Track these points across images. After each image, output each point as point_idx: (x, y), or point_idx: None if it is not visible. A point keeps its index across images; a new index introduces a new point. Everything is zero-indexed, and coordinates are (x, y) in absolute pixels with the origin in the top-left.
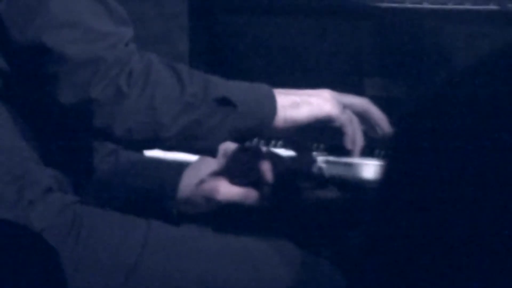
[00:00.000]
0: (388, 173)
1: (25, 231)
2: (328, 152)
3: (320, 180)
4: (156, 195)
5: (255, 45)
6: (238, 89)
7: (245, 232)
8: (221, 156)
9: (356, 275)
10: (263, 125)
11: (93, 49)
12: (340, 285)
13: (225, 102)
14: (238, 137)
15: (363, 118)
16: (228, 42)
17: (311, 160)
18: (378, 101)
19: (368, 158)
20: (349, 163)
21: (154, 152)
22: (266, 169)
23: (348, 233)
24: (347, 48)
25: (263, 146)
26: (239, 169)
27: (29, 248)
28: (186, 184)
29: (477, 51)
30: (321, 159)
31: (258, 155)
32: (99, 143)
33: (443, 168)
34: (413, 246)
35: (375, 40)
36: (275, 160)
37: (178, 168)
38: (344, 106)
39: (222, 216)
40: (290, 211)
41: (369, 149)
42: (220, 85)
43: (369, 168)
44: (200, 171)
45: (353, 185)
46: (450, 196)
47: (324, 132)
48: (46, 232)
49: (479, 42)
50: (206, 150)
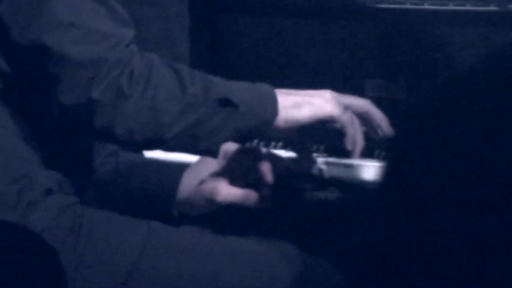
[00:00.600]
0: (388, 174)
1: (25, 232)
2: (328, 153)
3: (320, 181)
4: (156, 196)
5: (256, 46)
6: (239, 90)
7: (245, 233)
8: (221, 157)
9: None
10: (265, 125)
11: (94, 50)
12: (340, 286)
13: (226, 103)
14: (240, 138)
15: (364, 119)
16: (229, 43)
17: (311, 161)
18: (378, 102)
19: (368, 159)
20: (349, 164)
21: (154, 153)
22: (266, 170)
23: (348, 234)
24: (348, 49)
25: (263, 147)
26: (239, 170)
27: (29, 249)
28: (186, 185)
29: (477, 52)
30: (321, 160)
31: (258, 156)
32: (99, 144)
33: (443, 169)
34: (413, 247)
35: (375, 41)
36: (275, 161)
37: (178, 169)
38: (345, 107)
39: (222, 217)
40: (290, 212)
41: (369, 151)
42: (221, 86)
43: (369, 169)
44: (200, 172)
45: (353, 187)
46: (450, 197)
47: (325, 133)
48: (46, 233)
49: (480, 43)
50: (207, 150)
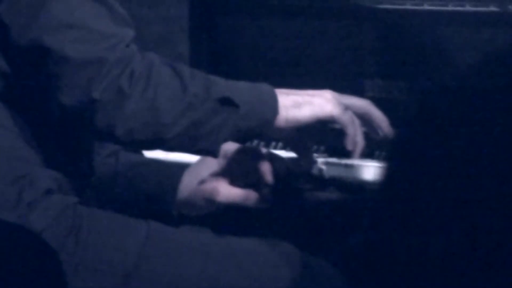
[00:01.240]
0: (388, 174)
1: (25, 232)
2: (328, 154)
3: (320, 181)
4: (156, 196)
5: (256, 47)
6: (240, 89)
7: (245, 233)
8: (221, 157)
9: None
10: (265, 125)
11: (95, 50)
12: (340, 286)
13: (227, 102)
14: (240, 137)
15: (364, 120)
16: (229, 44)
17: (311, 162)
18: (378, 103)
19: (368, 159)
20: (349, 164)
21: (154, 153)
22: (266, 171)
23: (348, 234)
24: (348, 49)
25: (263, 148)
26: (239, 170)
27: (29, 249)
28: (186, 185)
29: (477, 52)
30: (321, 160)
31: (258, 156)
32: (99, 144)
33: (443, 170)
34: (413, 247)
35: (375, 41)
36: (275, 161)
37: (178, 169)
38: (346, 107)
39: (222, 217)
40: (290, 213)
41: (369, 151)
42: (222, 85)
43: (369, 169)
44: (200, 172)
45: (353, 187)
46: (449, 197)
47: (325, 134)
48: (45, 233)
49: (480, 43)
50: (208, 150)
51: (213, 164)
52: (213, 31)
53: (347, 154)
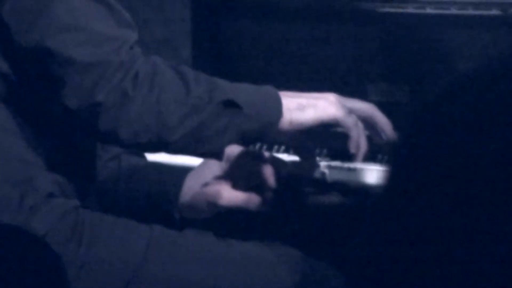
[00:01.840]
0: (391, 178)
1: (27, 236)
2: (331, 157)
3: (322, 185)
4: (158, 199)
5: (258, 49)
6: (243, 92)
7: (247, 237)
8: (224, 161)
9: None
10: (269, 127)
11: (98, 53)
12: None
13: (231, 105)
14: (244, 140)
15: (368, 123)
16: (231, 46)
17: (314, 165)
18: (381, 106)
19: (371, 163)
20: (352, 168)
21: (156, 157)
22: (269, 174)
23: (350, 238)
24: (350, 53)
25: (266, 151)
26: (241, 174)
27: (31, 253)
28: (189, 188)
29: (479, 55)
30: (324, 164)
31: (261, 160)
32: (101, 147)
33: (446, 174)
34: (415, 252)
35: (378, 45)
36: (278, 165)
37: (180, 172)
38: (349, 110)
39: (224, 220)
40: (293, 216)
41: (372, 154)
42: (225, 88)
43: (372, 173)
44: (202, 176)
45: (355, 191)
46: (453, 201)
47: (328, 137)
48: (48, 237)
49: (482, 47)
50: (212, 152)
51: (215, 168)
52: (216, 34)
53: (350, 158)
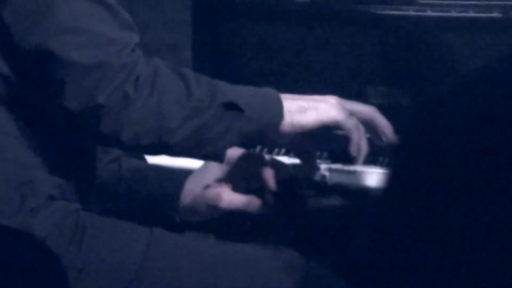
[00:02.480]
0: (391, 181)
1: (28, 238)
2: (332, 160)
3: (323, 188)
4: (158, 202)
5: (259, 52)
6: (245, 94)
7: (248, 240)
8: (224, 163)
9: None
10: (270, 129)
11: (100, 55)
12: None
13: (232, 107)
14: (245, 142)
15: (368, 126)
16: (232, 49)
17: (314, 168)
18: (381, 109)
19: (371, 166)
20: (352, 171)
21: (157, 159)
22: (269, 177)
23: (350, 241)
24: (350, 55)
25: (266, 154)
26: (242, 176)
27: (31, 255)
28: (189, 191)
29: (480, 58)
30: (324, 167)
31: (261, 162)
32: (101, 150)
33: (447, 176)
34: (415, 255)
35: (378, 47)
36: (278, 167)
37: (181, 175)
38: (350, 113)
39: (224, 223)
40: (293, 219)
41: (373, 157)
42: (227, 90)
43: (372, 176)
44: (203, 179)
45: (356, 193)
46: (453, 205)
47: (328, 140)
48: (48, 240)
49: (483, 49)
50: (213, 155)
51: (216, 170)
52: (217, 36)
53: (351, 161)
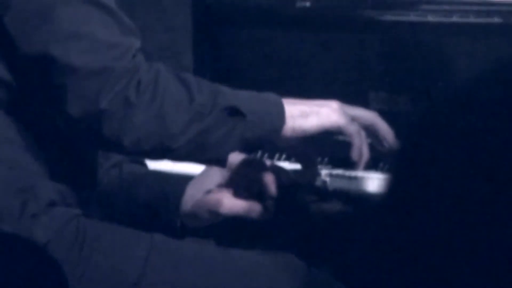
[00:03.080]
0: (392, 187)
1: (28, 244)
2: (333, 166)
3: (324, 193)
4: (159, 208)
5: (259, 57)
6: (246, 99)
7: (248, 245)
8: (225, 169)
9: None
10: (272, 134)
11: (101, 60)
12: None
13: (234, 112)
14: (247, 147)
15: (370, 131)
16: (232, 54)
17: (315, 173)
18: (382, 115)
19: (372, 171)
20: (353, 176)
21: (158, 164)
22: (270, 182)
23: (351, 246)
24: (351, 61)
25: (267, 159)
26: (243, 182)
27: (32, 261)
28: (190, 197)
29: (481, 64)
30: (325, 172)
31: (262, 168)
32: (103, 156)
33: (448, 182)
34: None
35: (379, 53)
36: (279, 173)
37: (181, 181)
38: (352, 118)
39: (225, 229)
40: (294, 224)
41: (373, 163)
42: (228, 95)
43: (373, 181)
44: (204, 184)
45: (357, 199)
46: (454, 210)
47: (329, 145)
48: (49, 246)
49: (483, 55)
50: (215, 160)
51: (216, 176)
52: (217, 41)
53: (351, 166)
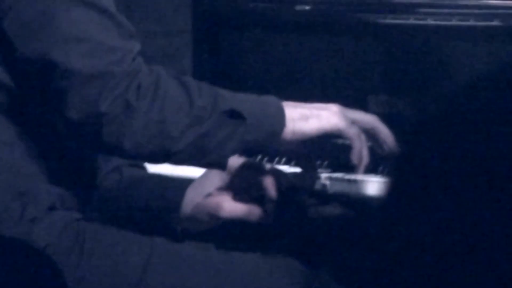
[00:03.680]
0: (392, 190)
1: (28, 248)
2: (332, 169)
3: (323, 196)
4: (159, 211)
5: (259, 61)
6: (246, 102)
7: (248, 249)
8: (225, 172)
9: None
10: (272, 137)
11: (101, 63)
12: None
13: (234, 115)
14: (248, 150)
15: (370, 135)
16: (232, 58)
17: (315, 177)
18: (382, 118)
19: (372, 175)
20: (353, 180)
21: (157, 168)
22: (270, 186)
23: (351, 250)
24: (351, 64)
25: (267, 163)
26: (242, 185)
27: (31, 265)
28: (190, 200)
29: (481, 67)
30: (325, 175)
31: (262, 171)
32: (102, 159)
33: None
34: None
35: (379, 56)
36: (279, 176)
37: (181, 184)
38: (352, 121)
39: (225, 232)
40: (294, 228)
41: (373, 166)
42: (228, 98)
43: (372, 185)
44: (203, 188)
45: (356, 202)
46: (455, 213)
47: (329, 149)
48: (49, 249)
49: (483, 58)
50: (216, 163)
51: (216, 180)
52: (217, 45)
53: (351, 169)
